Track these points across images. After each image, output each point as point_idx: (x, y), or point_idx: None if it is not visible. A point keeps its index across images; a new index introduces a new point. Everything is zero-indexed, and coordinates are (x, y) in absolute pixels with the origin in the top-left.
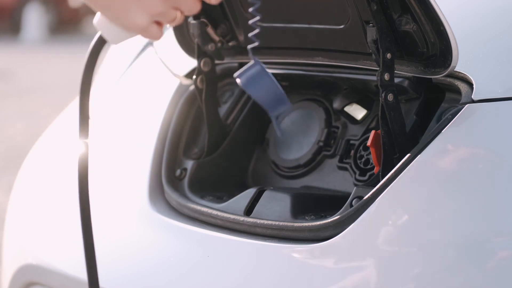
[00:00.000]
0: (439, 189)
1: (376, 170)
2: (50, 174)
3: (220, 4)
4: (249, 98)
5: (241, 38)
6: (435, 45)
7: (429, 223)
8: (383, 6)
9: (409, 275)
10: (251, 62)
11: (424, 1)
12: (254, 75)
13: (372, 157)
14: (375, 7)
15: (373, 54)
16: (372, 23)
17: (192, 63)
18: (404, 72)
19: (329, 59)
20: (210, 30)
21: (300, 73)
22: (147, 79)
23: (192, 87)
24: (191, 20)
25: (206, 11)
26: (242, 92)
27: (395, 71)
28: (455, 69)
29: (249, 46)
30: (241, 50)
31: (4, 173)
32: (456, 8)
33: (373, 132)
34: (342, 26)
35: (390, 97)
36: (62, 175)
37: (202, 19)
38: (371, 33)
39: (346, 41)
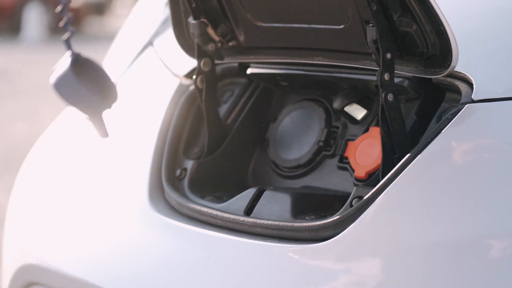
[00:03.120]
0: (439, 189)
1: (356, 174)
2: (50, 174)
3: (220, 4)
4: (249, 98)
5: (241, 38)
6: (435, 45)
7: (429, 223)
8: (383, 6)
9: (409, 275)
10: (65, 58)
11: (424, 1)
12: (64, 77)
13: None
14: (375, 7)
15: (373, 54)
16: (372, 23)
17: (192, 63)
18: (404, 72)
19: (329, 59)
20: (210, 30)
21: (300, 73)
22: (147, 79)
23: (192, 87)
24: (191, 20)
25: (206, 11)
26: (242, 92)
27: (395, 71)
28: (455, 69)
29: (64, 37)
30: (241, 50)
31: (4, 173)
32: (456, 8)
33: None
34: (342, 26)
35: (390, 97)
36: (62, 175)
37: (202, 19)
38: (371, 33)
39: (346, 41)
